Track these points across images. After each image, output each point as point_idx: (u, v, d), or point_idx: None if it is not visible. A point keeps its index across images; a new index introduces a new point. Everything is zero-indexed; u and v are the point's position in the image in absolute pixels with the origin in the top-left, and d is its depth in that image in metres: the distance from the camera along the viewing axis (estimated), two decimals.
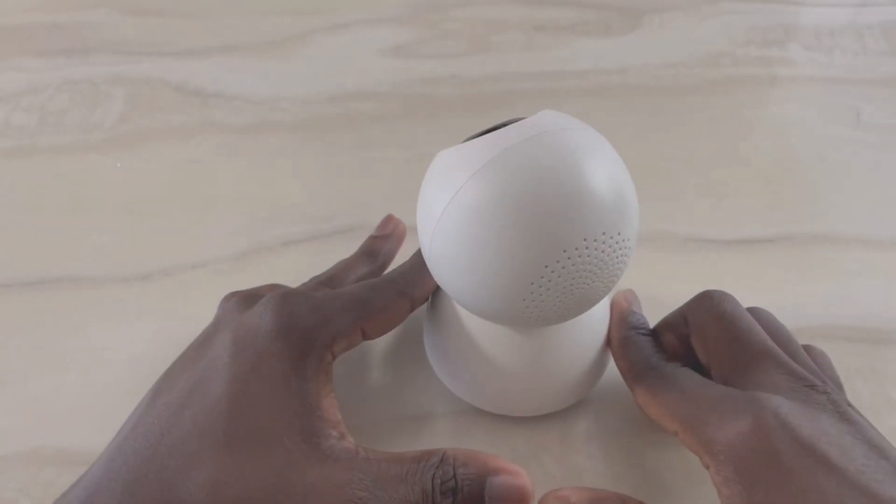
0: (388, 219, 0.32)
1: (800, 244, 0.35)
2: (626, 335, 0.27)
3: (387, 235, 0.32)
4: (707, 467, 0.22)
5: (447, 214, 0.21)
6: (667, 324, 0.27)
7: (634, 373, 0.26)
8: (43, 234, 0.36)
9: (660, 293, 0.29)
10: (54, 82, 0.44)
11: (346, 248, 0.31)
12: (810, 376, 0.23)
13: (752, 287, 0.33)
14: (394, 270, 0.28)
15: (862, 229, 0.35)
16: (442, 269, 0.22)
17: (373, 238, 0.32)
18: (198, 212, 0.37)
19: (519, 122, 0.22)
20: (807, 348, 0.26)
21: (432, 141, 0.40)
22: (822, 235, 0.35)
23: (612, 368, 0.28)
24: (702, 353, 0.26)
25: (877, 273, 0.34)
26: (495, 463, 0.22)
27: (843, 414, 0.22)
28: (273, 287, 0.28)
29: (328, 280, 0.29)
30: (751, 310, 0.27)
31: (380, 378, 0.30)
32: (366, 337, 0.25)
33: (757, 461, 0.21)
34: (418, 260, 0.28)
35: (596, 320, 0.27)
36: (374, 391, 0.30)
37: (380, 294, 0.26)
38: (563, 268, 0.21)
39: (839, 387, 0.25)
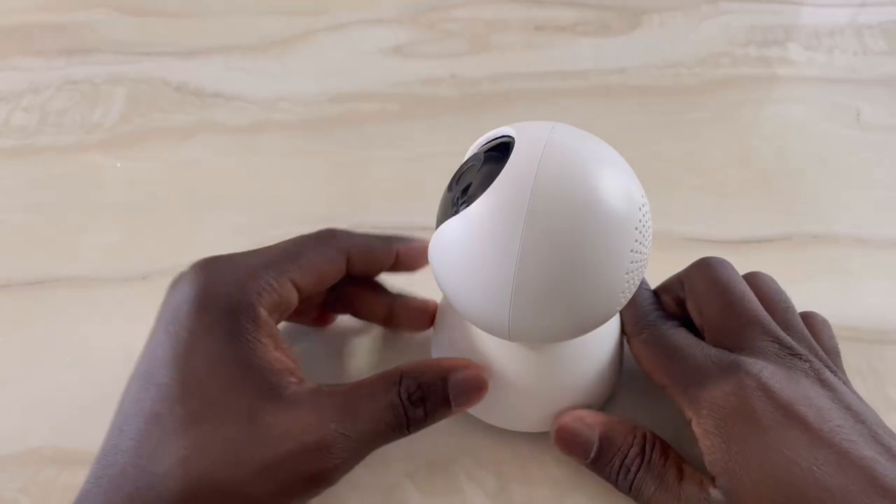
0: None
1: (800, 244, 0.35)
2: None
3: None
4: (690, 420, 0.24)
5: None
6: (665, 287, 0.29)
7: (633, 326, 0.27)
8: (43, 234, 0.36)
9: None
10: (54, 82, 0.44)
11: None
12: (796, 345, 0.25)
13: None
14: (333, 228, 0.28)
15: (862, 229, 0.35)
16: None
17: None
18: (198, 212, 0.37)
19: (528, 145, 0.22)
20: (807, 315, 0.28)
21: (432, 141, 0.40)
22: (822, 235, 0.35)
23: (622, 385, 0.29)
24: (696, 317, 0.27)
25: (877, 273, 0.34)
26: (448, 363, 0.24)
27: (824, 380, 0.24)
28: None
29: None
30: (751, 275, 0.28)
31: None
32: (300, 291, 0.25)
33: (735, 418, 0.23)
34: (374, 234, 0.28)
35: (606, 336, 0.27)
36: None
37: (311, 245, 0.26)
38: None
39: (835, 354, 0.27)
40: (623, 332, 0.28)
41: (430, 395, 0.23)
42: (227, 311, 0.23)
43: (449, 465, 0.27)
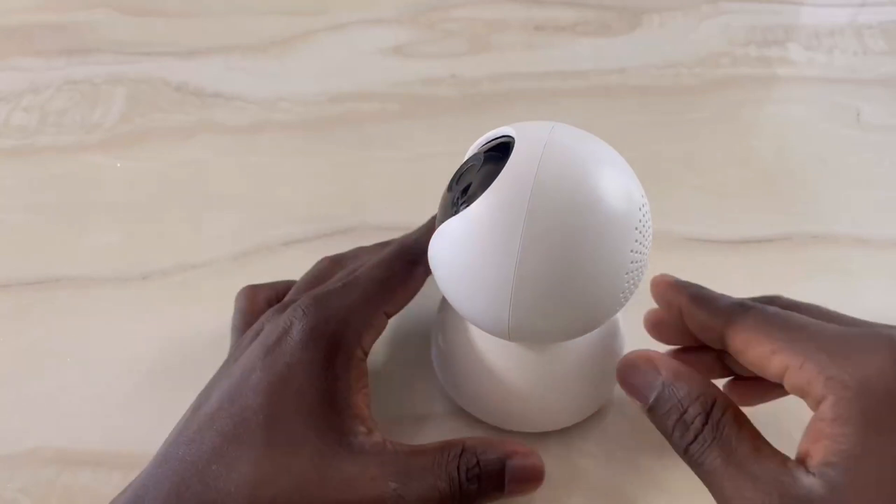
0: None
1: (800, 244, 0.35)
2: (693, 290, 0.25)
3: None
4: (819, 403, 0.20)
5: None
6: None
7: (726, 315, 0.23)
8: (43, 234, 0.36)
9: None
10: (54, 82, 0.44)
11: (345, 248, 0.31)
12: None
13: (752, 287, 0.33)
14: (401, 239, 0.28)
15: (862, 229, 0.35)
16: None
17: None
18: (198, 212, 0.37)
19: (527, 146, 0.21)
20: None
21: (432, 141, 0.40)
22: (822, 235, 0.35)
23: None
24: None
25: (877, 273, 0.34)
26: (511, 447, 0.24)
27: None
28: (298, 289, 0.28)
29: (340, 259, 0.29)
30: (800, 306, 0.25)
31: (381, 378, 0.30)
32: (389, 316, 0.26)
33: (890, 404, 0.18)
34: (426, 224, 0.28)
35: (606, 336, 0.27)
36: (375, 390, 0.30)
37: (394, 271, 0.26)
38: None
39: None
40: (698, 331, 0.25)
41: (486, 474, 0.23)
42: (330, 348, 0.24)
43: None
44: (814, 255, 0.34)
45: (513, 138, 0.22)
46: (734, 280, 0.32)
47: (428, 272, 0.26)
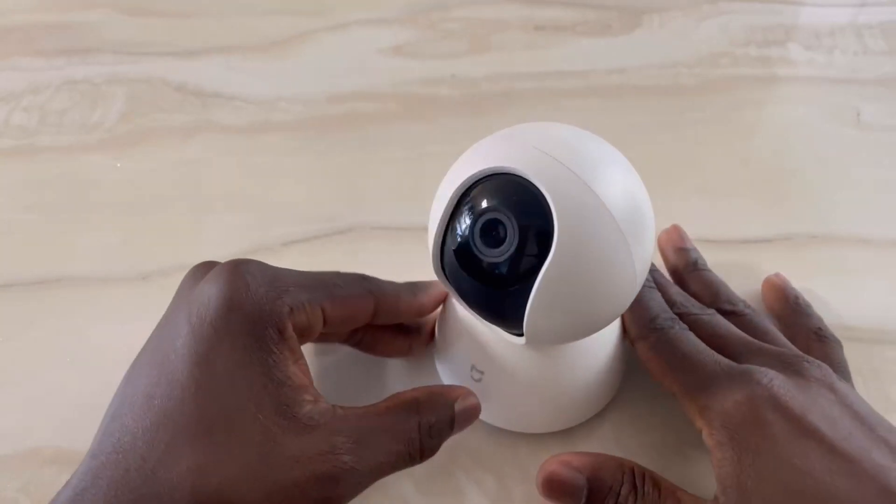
0: None
1: (800, 244, 0.35)
2: (644, 286, 0.28)
3: None
4: (700, 431, 0.24)
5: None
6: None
7: (641, 328, 0.26)
8: (43, 234, 0.36)
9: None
10: (54, 82, 0.44)
11: (345, 248, 0.31)
12: (801, 353, 0.25)
13: (752, 287, 0.33)
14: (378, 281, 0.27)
15: (862, 229, 0.35)
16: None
17: None
18: (198, 212, 0.37)
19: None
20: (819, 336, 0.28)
21: (432, 141, 0.40)
22: (822, 235, 0.35)
23: (624, 387, 0.29)
24: None
25: (877, 273, 0.34)
26: (453, 392, 0.25)
27: (833, 387, 0.24)
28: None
29: None
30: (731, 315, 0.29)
31: (382, 378, 0.30)
32: (326, 322, 0.24)
33: (747, 429, 0.22)
34: (401, 283, 0.27)
35: (608, 337, 0.27)
36: (375, 391, 0.30)
37: (344, 281, 0.25)
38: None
39: (843, 365, 0.27)
40: (626, 334, 0.28)
41: (442, 424, 0.24)
42: (257, 317, 0.22)
43: (449, 465, 0.27)
44: (814, 255, 0.34)
45: (516, 175, 0.21)
46: (734, 280, 0.32)
47: (379, 309, 0.26)
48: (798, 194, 0.37)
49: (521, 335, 0.22)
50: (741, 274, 0.33)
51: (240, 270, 0.23)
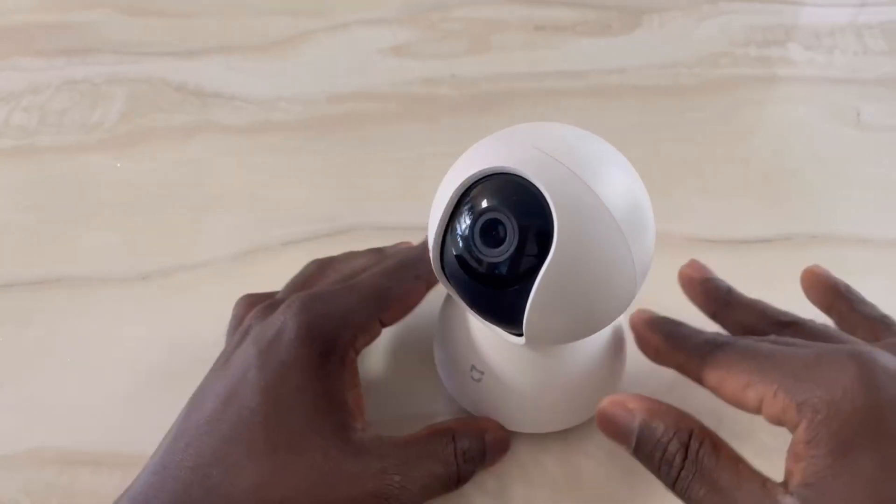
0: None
1: (800, 244, 0.35)
2: (667, 329, 0.25)
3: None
4: (795, 428, 0.20)
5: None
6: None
7: (700, 356, 0.23)
8: (43, 234, 0.36)
9: (660, 293, 0.29)
10: (54, 82, 0.44)
11: (345, 249, 0.31)
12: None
13: (752, 287, 0.33)
14: (406, 251, 0.29)
15: (862, 229, 0.35)
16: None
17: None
18: (198, 212, 0.37)
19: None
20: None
21: (432, 141, 0.40)
22: (822, 235, 0.35)
23: (624, 387, 0.29)
24: None
25: (877, 273, 0.34)
26: (485, 423, 0.26)
27: None
28: (286, 292, 0.28)
29: (330, 262, 0.29)
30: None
31: (382, 378, 0.30)
32: (384, 325, 0.26)
33: (856, 421, 0.19)
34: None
35: (607, 338, 0.27)
36: (376, 391, 0.30)
37: (395, 281, 0.26)
38: None
39: None
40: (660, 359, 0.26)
41: (475, 452, 0.25)
42: (324, 347, 0.24)
43: None
44: (814, 255, 0.34)
45: (516, 175, 0.21)
46: (734, 280, 0.32)
47: (429, 288, 0.27)
48: (798, 194, 0.37)
49: (521, 335, 0.22)
50: (741, 274, 0.33)
51: (310, 306, 0.25)
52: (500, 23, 0.48)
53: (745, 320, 0.26)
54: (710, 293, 0.28)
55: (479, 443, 0.25)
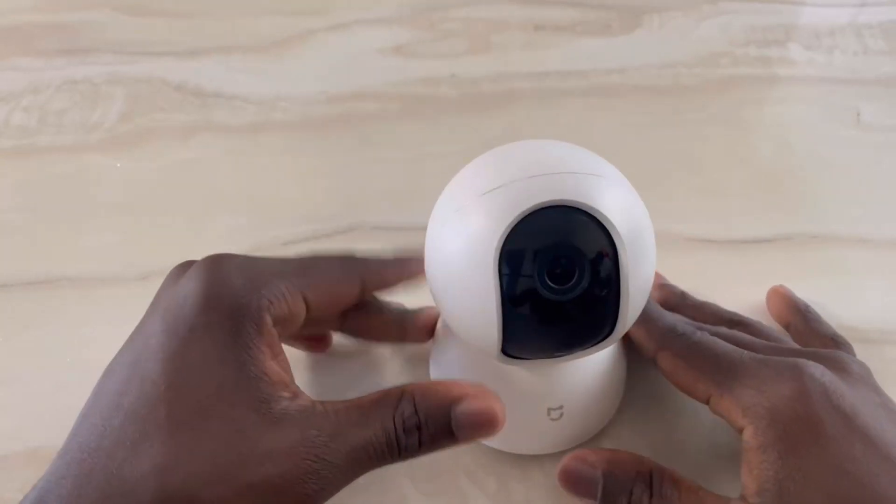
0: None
1: (800, 244, 0.35)
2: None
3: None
4: (741, 431, 0.22)
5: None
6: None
7: (658, 339, 0.25)
8: (43, 234, 0.36)
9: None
10: (54, 82, 0.44)
11: (345, 249, 0.31)
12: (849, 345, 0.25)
13: (752, 287, 0.33)
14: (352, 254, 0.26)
15: (862, 229, 0.35)
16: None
17: None
18: (198, 212, 0.37)
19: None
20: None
21: (432, 141, 0.40)
22: (822, 235, 0.35)
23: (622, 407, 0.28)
24: None
25: (877, 273, 0.34)
26: (458, 390, 0.21)
27: (875, 387, 0.23)
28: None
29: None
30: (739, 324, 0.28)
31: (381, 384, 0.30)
32: (309, 309, 0.23)
33: (798, 428, 0.21)
34: (386, 256, 0.26)
35: (606, 358, 0.27)
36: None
37: (327, 264, 0.24)
38: None
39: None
40: (641, 351, 0.26)
41: (429, 423, 0.21)
42: (233, 312, 0.21)
43: (449, 465, 0.27)
44: (814, 255, 0.34)
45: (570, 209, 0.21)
46: (734, 280, 0.32)
47: (364, 291, 0.25)
48: (798, 194, 0.37)
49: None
50: (741, 274, 0.33)
51: (217, 266, 0.22)
52: (500, 23, 0.48)
53: (697, 319, 0.28)
54: (666, 297, 0.30)
55: (434, 410, 0.21)
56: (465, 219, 0.21)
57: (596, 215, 0.20)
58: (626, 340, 0.28)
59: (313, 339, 0.30)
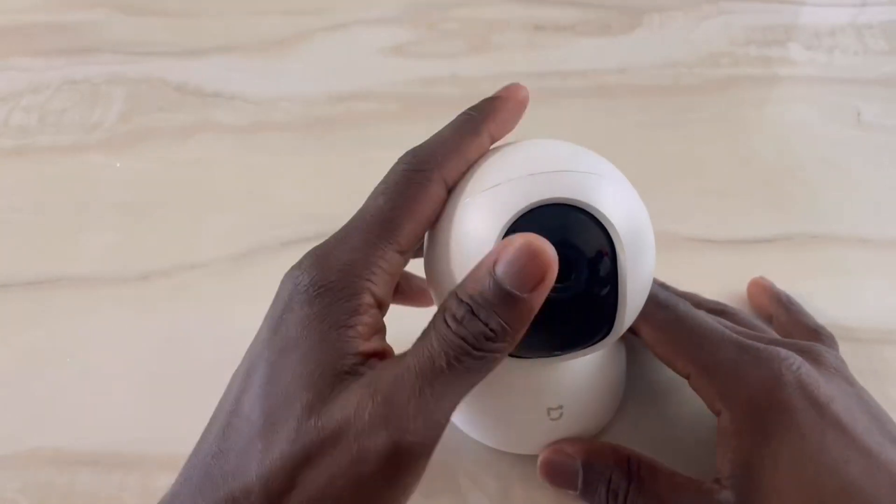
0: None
1: (800, 244, 0.35)
2: None
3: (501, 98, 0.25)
4: (718, 414, 0.23)
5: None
6: None
7: (643, 310, 0.23)
8: (43, 234, 0.36)
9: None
10: (54, 82, 0.44)
11: None
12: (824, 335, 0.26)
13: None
14: (411, 152, 0.24)
15: (862, 229, 0.35)
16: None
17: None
18: (198, 212, 0.37)
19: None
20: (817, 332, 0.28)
21: None
22: (822, 235, 0.35)
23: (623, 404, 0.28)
24: None
25: (877, 273, 0.34)
26: (491, 255, 0.19)
27: (849, 378, 0.24)
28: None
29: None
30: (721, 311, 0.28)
31: None
32: (404, 252, 0.22)
33: (772, 415, 0.22)
34: (440, 134, 0.24)
35: (609, 354, 0.27)
36: None
37: (399, 199, 0.22)
38: None
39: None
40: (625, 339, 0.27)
41: (484, 302, 0.18)
42: (330, 302, 0.20)
43: (449, 466, 0.27)
44: (814, 255, 0.34)
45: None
46: (734, 280, 0.32)
47: (446, 189, 0.23)
48: (798, 194, 0.37)
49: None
50: (741, 274, 0.33)
51: (318, 259, 0.21)
52: (500, 23, 0.48)
53: None
54: None
55: (487, 287, 0.18)
56: (465, 215, 0.21)
57: (595, 214, 0.20)
58: (625, 340, 0.28)
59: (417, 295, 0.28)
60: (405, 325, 0.21)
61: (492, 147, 0.23)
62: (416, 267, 0.26)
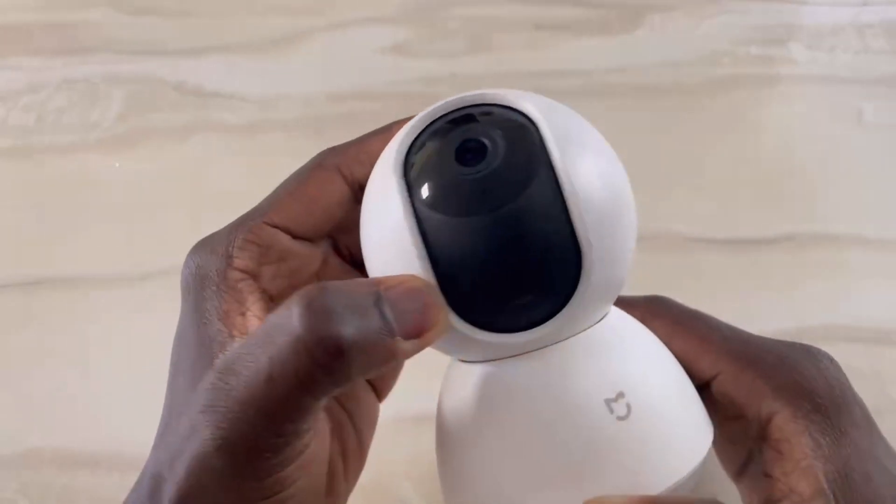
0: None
1: (800, 244, 0.35)
2: None
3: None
4: (768, 417, 0.19)
5: None
6: None
7: (644, 306, 0.21)
8: (43, 234, 0.36)
9: (658, 294, 0.29)
10: (53, 82, 0.44)
11: None
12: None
13: (752, 287, 0.33)
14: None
15: (862, 229, 0.35)
16: None
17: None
18: (198, 212, 0.37)
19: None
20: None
21: None
22: (822, 235, 0.35)
23: None
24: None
25: (877, 273, 0.34)
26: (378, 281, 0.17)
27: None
28: None
29: None
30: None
31: None
32: (291, 230, 0.20)
33: (839, 413, 0.18)
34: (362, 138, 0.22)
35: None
36: None
37: (292, 178, 0.21)
38: None
39: None
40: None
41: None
42: (199, 286, 0.19)
43: None
44: (815, 255, 0.34)
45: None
46: (735, 280, 0.32)
47: (351, 188, 0.22)
48: (799, 194, 0.37)
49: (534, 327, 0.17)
50: (742, 274, 0.33)
51: (191, 254, 0.21)
52: (500, 22, 0.48)
53: None
54: None
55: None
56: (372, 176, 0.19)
57: (514, 107, 0.17)
58: None
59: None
60: None
61: None
62: None
